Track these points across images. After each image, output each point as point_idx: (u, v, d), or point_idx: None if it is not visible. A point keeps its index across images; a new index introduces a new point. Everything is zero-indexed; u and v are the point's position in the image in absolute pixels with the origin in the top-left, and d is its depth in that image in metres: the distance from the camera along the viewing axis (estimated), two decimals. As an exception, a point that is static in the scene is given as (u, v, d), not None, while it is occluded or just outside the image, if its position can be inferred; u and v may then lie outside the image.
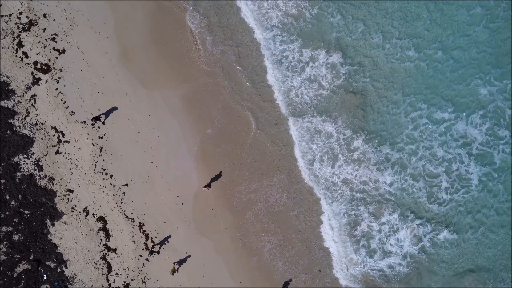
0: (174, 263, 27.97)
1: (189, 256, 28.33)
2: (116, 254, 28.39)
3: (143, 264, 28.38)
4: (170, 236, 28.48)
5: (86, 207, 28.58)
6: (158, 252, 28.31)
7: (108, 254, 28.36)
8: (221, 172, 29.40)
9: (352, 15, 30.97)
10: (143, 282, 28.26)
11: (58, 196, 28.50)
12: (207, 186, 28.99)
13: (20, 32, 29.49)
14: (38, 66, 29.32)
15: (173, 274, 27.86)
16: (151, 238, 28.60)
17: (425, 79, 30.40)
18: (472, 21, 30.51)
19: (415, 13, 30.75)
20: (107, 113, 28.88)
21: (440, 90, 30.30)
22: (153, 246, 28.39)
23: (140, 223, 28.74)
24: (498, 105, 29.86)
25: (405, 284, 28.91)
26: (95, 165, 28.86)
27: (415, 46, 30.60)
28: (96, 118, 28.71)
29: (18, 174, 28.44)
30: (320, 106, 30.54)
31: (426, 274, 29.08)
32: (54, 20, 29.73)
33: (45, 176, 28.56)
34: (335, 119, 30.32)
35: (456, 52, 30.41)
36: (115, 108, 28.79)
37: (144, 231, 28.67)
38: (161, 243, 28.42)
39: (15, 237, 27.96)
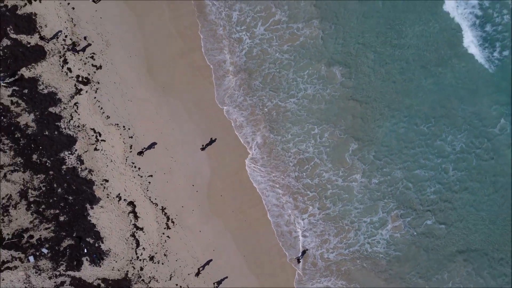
0: (214, 283, 34.10)
1: (226, 277, 34.30)
2: (143, 232, 34.69)
3: (165, 240, 34.65)
4: (211, 260, 34.41)
5: (119, 194, 34.92)
6: (203, 268, 34.36)
7: (137, 232, 34.64)
8: (215, 138, 35.73)
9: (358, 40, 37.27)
10: (165, 255, 34.51)
11: (96, 185, 34.84)
12: (203, 148, 35.43)
13: (65, 51, 36.08)
14: (80, 79, 35.82)
15: None
16: (172, 219, 34.93)
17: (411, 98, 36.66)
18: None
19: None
20: (148, 147, 35.29)
21: (424, 108, 36.48)
22: (198, 269, 34.35)
23: (162, 207, 35.06)
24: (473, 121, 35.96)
25: (395, 264, 34.89)
26: (126, 159, 35.25)
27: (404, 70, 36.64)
28: (141, 153, 35.08)
29: (64, 167, 34.75)
30: (321, 114, 36.76)
31: (415, 256, 35.05)
32: (93, 41, 36.32)
33: (86, 168, 34.92)
34: (328, 127, 36.66)
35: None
36: (154, 143, 35.18)
37: (165, 213, 34.98)
38: (204, 265, 34.29)
39: (61, 218, 34.20)
